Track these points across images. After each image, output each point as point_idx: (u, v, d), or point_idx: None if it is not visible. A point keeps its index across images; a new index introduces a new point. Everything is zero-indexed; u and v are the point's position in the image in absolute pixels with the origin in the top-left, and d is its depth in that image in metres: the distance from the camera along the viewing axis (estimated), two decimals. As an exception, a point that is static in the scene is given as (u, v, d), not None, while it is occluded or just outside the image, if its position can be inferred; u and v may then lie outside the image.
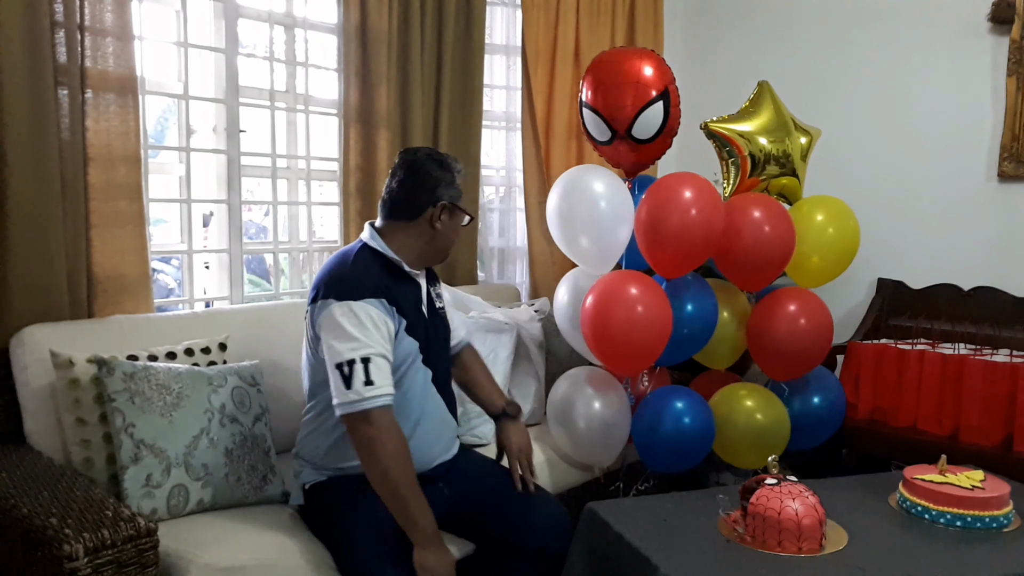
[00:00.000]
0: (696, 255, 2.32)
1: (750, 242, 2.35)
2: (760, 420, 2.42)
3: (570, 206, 2.37)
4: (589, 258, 2.44)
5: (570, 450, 2.43)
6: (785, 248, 2.39)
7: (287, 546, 1.71)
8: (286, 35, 2.63)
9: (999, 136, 2.75)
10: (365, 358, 1.62)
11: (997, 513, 1.70)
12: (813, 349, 2.44)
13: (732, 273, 2.48)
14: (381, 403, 1.63)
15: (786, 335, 2.40)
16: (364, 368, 1.61)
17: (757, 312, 2.50)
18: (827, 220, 2.53)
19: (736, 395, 2.49)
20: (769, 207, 2.39)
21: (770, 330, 2.43)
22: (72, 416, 1.78)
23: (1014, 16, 2.68)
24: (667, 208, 2.26)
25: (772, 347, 2.44)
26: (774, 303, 2.46)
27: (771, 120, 2.58)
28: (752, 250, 2.36)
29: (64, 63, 1.98)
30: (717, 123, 2.53)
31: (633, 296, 2.23)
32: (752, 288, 2.56)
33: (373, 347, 1.64)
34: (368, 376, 1.61)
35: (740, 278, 2.49)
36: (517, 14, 3.19)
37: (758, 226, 2.34)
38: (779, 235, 2.36)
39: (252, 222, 4.34)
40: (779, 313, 2.43)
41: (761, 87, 2.65)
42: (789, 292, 2.48)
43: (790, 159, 2.58)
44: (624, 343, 2.24)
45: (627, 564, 1.59)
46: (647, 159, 2.54)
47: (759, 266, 2.40)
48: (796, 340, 2.40)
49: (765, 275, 2.45)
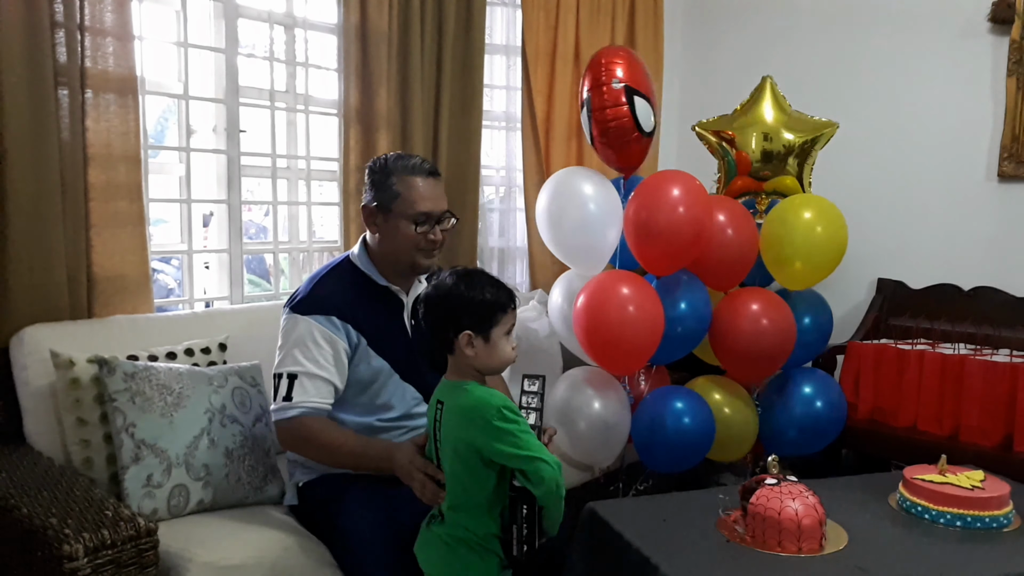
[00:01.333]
0: (685, 252, 2.32)
1: (716, 244, 2.38)
2: (728, 414, 2.46)
3: (560, 208, 2.38)
4: (579, 259, 2.45)
5: (570, 450, 2.43)
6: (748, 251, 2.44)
7: (287, 545, 1.72)
8: (286, 35, 2.63)
9: (999, 136, 2.75)
10: (292, 375, 1.71)
11: (997, 513, 1.70)
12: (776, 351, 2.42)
13: (702, 274, 2.48)
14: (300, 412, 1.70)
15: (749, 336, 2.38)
16: (288, 384, 1.71)
17: (718, 312, 2.48)
18: (815, 219, 2.44)
19: (705, 387, 2.52)
20: (732, 210, 2.42)
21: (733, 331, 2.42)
22: (72, 416, 1.79)
23: (1014, 16, 2.68)
24: (654, 206, 2.27)
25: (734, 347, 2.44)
26: (736, 302, 2.46)
27: (764, 117, 2.58)
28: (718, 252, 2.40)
29: (64, 63, 1.98)
30: (704, 126, 2.56)
31: (624, 296, 2.23)
32: (723, 288, 2.57)
33: (304, 366, 1.71)
34: (289, 392, 1.71)
35: (710, 279, 2.49)
36: (517, 14, 3.19)
37: (721, 229, 2.38)
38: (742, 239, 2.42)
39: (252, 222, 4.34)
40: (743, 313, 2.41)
41: (763, 82, 2.64)
42: (752, 291, 2.48)
43: (788, 157, 2.57)
44: (616, 342, 2.25)
45: (627, 564, 1.58)
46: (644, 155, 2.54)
47: (725, 268, 2.44)
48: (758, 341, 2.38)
49: (731, 277, 2.49)
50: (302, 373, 1.71)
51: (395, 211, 1.78)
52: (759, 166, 2.58)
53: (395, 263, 1.85)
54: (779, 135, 2.56)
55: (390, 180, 1.79)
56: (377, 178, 1.81)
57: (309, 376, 1.72)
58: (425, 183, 1.80)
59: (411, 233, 1.78)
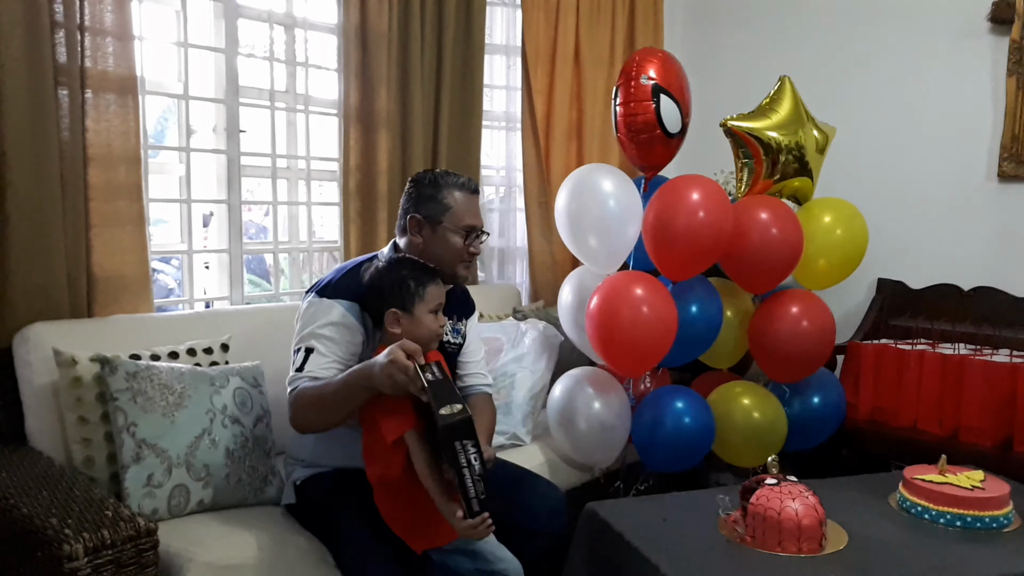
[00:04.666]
0: (703, 258, 2.32)
1: (758, 245, 2.34)
2: (757, 419, 2.43)
3: (579, 205, 2.37)
4: (597, 257, 2.44)
5: (570, 451, 2.43)
6: (793, 251, 2.38)
7: (286, 545, 1.72)
8: (286, 35, 2.63)
9: (999, 136, 2.75)
10: (309, 349, 1.73)
11: (997, 513, 1.70)
12: (815, 351, 2.43)
13: (738, 275, 2.48)
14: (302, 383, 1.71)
15: (788, 337, 2.40)
16: (304, 357, 1.73)
17: (760, 314, 2.50)
18: (835, 222, 2.50)
19: (733, 393, 2.49)
20: (776, 210, 2.38)
21: (772, 332, 2.43)
22: (74, 415, 1.79)
23: (1014, 16, 2.68)
24: (675, 210, 2.25)
25: (774, 349, 2.44)
26: (776, 305, 2.46)
27: (789, 116, 2.53)
28: (759, 253, 2.35)
29: (64, 63, 1.97)
30: (736, 121, 2.46)
31: (639, 297, 2.23)
32: (758, 290, 2.56)
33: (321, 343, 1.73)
34: (303, 364, 1.72)
35: (747, 280, 2.49)
36: (517, 14, 3.19)
37: (765, 228, 2.34)
38: (786, 238, 2.35)
39: (252, 222, 4.34)
40: (781, 315, 2.42)
41: (782, 82, 2.60)
42: (792, 294, 2.48)
43: (805, 157, 2.55)
44: (630, 344, 2.24)
45: (627, 564, 1.59)
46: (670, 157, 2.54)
47: (766, 269, 2.39)
48: (798, 342, 2.40)
49: (772, 278, 2.45)
50: (319, 350, 1.73)
51: (445, 223, 1.85)
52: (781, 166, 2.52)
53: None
54: (809, 135, 2.54)
55: (441, 194, 1.86)
56: (427, 191, 1.87)
57: (323, 353, 1.72)
58: (471, 200, 1.89)
59: (459, 245, 1.86)
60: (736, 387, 2.52)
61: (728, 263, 2.46)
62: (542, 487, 1.96)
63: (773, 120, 2.49)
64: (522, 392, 2.52)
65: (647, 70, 2.42)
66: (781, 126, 2.49)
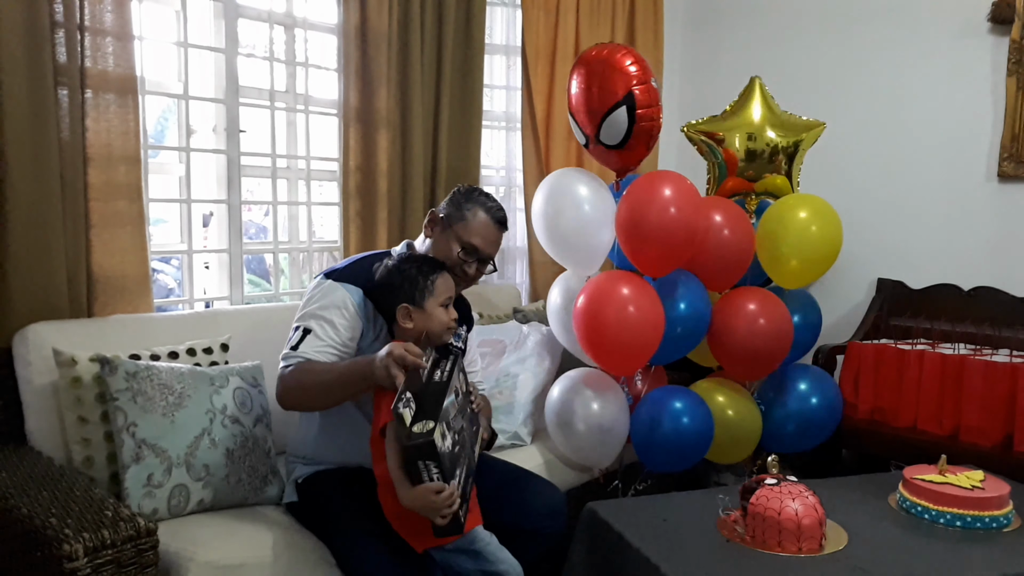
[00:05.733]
0: (678, 252, 2.31)
1: (713, 245, 2.38)
2: (731, 416, 2.46)
3: (555, 209, 2.38)
4: (575, 260, 2.45)
5: (569, 451, 2.43)
6: (743, 251, 2.44)
7: (287, 544, 1.72)
8: (286, 35, 2.63)
9: (999, 136, 2.75)
10: (307, 329, 1.75)
11: (997, 513, 1.70)
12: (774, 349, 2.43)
13: (700, 274, 2.48)
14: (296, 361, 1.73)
15: (745, 335, 2.39)
16: (300, 337, 1.75)
17: (716, 311, 2.48)
18: (810, 219, 2.46)
19: (703, 389, 2.52)
20: (728, 210, 2.43)
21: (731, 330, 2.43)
22: (74, 414, 1.79)
23: (1014, 16, 2.68)
24: (646, 207, 2.25)
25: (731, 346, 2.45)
26: (733, 302, 2.46)
27: (753, 117, 2.58)
28: (715, 252, 2.39)
29: (64, 63, 1.97)
30: (695, 126, 2.56)
31: (625, 296, 2.23)
32: (720, 289, 2.57)
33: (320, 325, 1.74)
34: (298, 343, 1.74)
35: (707, 279, 2.49)
36: (517, 14, 3.19)
37: (718, 229, 2.38)
38: (738, 239, 2.41)
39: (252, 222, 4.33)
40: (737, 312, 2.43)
41: (751, 83, 2.64)
42: (748, 291, 2.48)
43: (778, 157, 2.57)
44: (617, 342, 2.25)
45: (627, 564, 1.59)
46: (630, 162, 2.48)
47: (722, 267, 2.44)
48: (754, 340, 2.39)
49: (728, 277, 2.49)
50: (316, 331, 1.74)
51: (454, 229, 1.89)
52: (744, 166, 2.58)
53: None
54: (764, 135, 2.56)
55: (467, 205, 1.90)
56: (458, 198, 1.93)
57: (320, 335, 1.74)
58: (490, 226, 1.92)
59: (453, 255, 1.88)
60: (704, 383, 2.56)
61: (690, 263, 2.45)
62: (542, 487, 1.96)
63: (735, 122, 2.56)
64: (525, 393, 2.53)
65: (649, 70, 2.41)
66: (745, 128, 2.55)
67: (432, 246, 1.92)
